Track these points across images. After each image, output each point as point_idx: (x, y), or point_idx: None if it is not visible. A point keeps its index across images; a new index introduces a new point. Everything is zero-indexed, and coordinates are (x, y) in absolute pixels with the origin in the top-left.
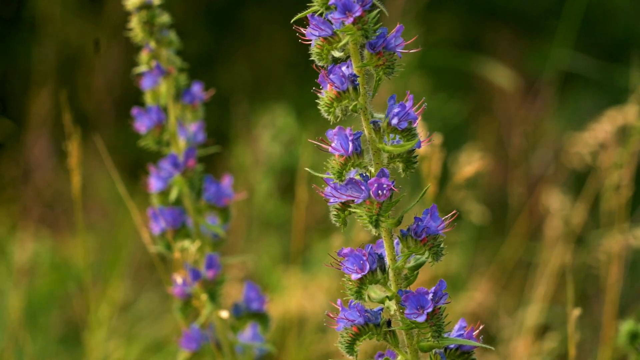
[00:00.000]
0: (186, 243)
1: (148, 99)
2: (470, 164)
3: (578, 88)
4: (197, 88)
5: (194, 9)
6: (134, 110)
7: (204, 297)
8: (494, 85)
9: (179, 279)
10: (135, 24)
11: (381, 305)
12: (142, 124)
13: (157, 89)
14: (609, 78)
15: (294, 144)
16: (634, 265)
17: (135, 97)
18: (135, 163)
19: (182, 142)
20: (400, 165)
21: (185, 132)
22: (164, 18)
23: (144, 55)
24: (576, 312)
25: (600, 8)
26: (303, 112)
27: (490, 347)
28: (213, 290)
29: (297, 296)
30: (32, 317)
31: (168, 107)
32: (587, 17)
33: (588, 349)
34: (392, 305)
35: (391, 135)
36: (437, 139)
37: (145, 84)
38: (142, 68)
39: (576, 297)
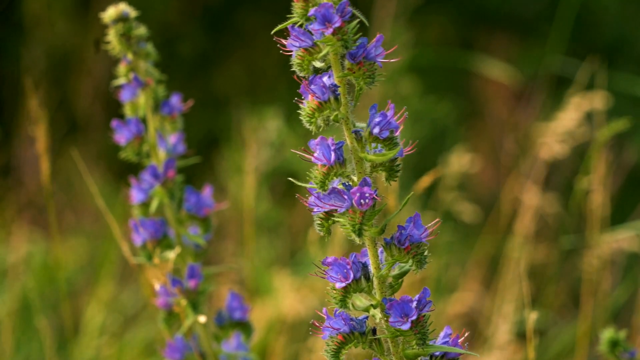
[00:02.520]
0: (168, 254)
1: (127, 111)
2: (460, 165)
3: (570, 91)
4: (175, 99)
5: (190, 11)
6: (114, 123)
7: (183, 302)
8: (488, 86)
9: (158, 287)
10: (112, 37)
11: (366, 314)
12: (121, 136)
13: (135, 101)
14: (600, 82)
15: (283, 147)
16: (627, 269)
17: None
18: (129, 164)
19: (161, 154)
20: (384, 174)
21: (165, 143)
22: (141, 30)
23: (122, 68)
24: (533, 316)
25: (591, 13)
26: (295, 114)
27: (475, 354)
28: (195, 300)
29: (289, 298)
30: (24, 319)
31: (147, 118)
32: (578, 22)
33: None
34: (377, 314)
35: (373, 145)
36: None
37: (124, 96)
38: (121, 80)
39: (569, 300)
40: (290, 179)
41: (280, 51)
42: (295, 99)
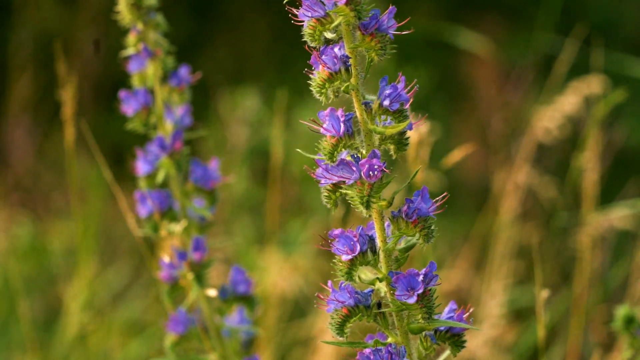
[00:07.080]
0: (173, 226)
1: (135, 81)
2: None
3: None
4: (184, 71)
5: None
6: (122, 93)
7: (190, 276)
8: (476, 65)
9: (166, 259)
10: (122, 6)
11: (371, 287)
12: (129, 107)
13: (144, 72)
14: (587, 62)
15: (263, 126)
16: (618, 247)
17: (112, 83)
18: (114, 149)
19: (169, 125)
20: (392, 147)
21: (172, 115)
22: (151, 0)
23: (131, 38)
24: (544, 294)
25: None
26: (281, 96)
27: (479, 329)
28: (200, 272)
29: (273, 276)
30: (11, 301)
31: (155, 89)
32: (564, 4)
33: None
34: (383, 287)
35: (382, 117)
36: (425, 125)
37: (132, 66)
38: (130, 50)
39: (560, 279)
40: (298, 150)
41: (292, 21)
42: (306, 69)
